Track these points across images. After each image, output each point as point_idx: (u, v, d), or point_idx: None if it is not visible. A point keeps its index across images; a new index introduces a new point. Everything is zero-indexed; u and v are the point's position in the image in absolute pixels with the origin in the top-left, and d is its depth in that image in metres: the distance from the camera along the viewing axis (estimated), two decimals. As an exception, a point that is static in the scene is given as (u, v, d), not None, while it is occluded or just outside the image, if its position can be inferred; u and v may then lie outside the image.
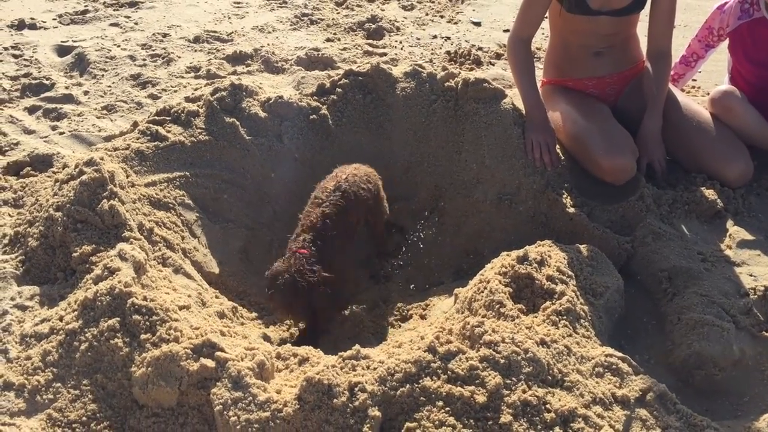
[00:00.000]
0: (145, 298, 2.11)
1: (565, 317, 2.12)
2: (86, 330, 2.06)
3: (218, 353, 1.95)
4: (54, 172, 3.04)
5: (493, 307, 2.13)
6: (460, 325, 2.03)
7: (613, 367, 2.01)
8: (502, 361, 1.90)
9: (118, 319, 2.07)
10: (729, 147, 3.00)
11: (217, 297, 2.58)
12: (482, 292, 2.21)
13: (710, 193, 2.90)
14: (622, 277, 2.48)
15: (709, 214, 2.87)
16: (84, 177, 2.50)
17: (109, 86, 4.08)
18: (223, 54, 4.56)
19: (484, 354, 1.92)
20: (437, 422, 1.81)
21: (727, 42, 3.32)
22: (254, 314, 2.68)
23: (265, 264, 2.87)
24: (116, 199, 2.47)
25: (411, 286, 2.95)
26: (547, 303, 2.18)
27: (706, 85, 4.08)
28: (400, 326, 2.69)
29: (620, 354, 2.06)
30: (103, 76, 4.22)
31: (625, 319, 2.46)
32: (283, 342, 2.57)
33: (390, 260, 3.05)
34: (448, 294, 2.69)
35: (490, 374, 1.88)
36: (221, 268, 2.78)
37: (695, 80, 4.13)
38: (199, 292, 2.48)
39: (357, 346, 2.00)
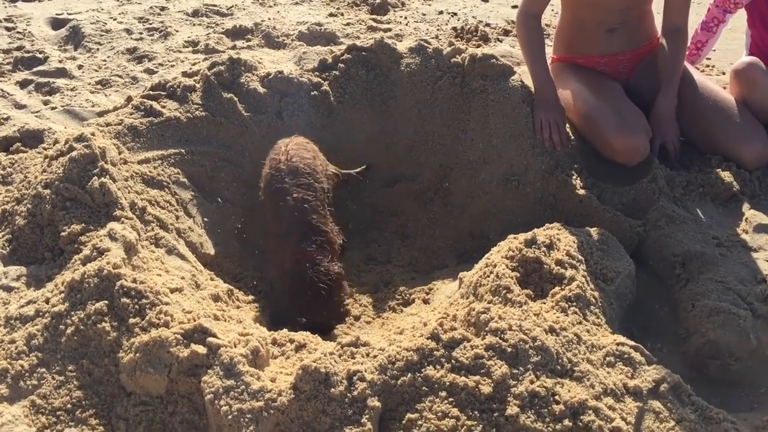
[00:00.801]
0: (134, 281, 2.02)
1: (574, 304, 2.04)
2: (73, 313, 1.97)
3: (210, 339, 1.86)
4: (44, 148, 2.95)
5: (499, 293, 2.04)
6: (464, 311, 1.95)
7: (625, 356, 1.92)
8: (509, 349, 1.82)
9: (106, 302, 1.97)
10: (746, 127, 2.90)
11: (212, 279, 2.50)
12: (488, 276, 2.12)
13: (726, 175, 2.81)
14: (633, 261, 2.38)
15: (724, 196, 2.78)
16: (74, 153, 2.40)
17: (104, 60, 3.97)
18: (223, 28, 4.45)
19: (490, 342, 1.83)
20: (440, 413, 1.73)
21: (742, 19, 3.22)
22: (251, 297, 2.59)
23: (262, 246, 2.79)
24: (107, 176, 2.38)
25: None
26: (556, 288, 2.09)
27: (720, 63, 3.96)
28: (401, 311, 2.61)
29: (632, 342, 1.97)
30: (98, 49, 4.11)
31: (637, 305, 2.37)
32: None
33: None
34: (452, 278, 2.61)
35: (496, 363, 1.79)
36: (217, 249, 2.69)
37: (709, 59, 4.01)
38: (193, 274, 2.39)
39: (356, 333, 1.92)
